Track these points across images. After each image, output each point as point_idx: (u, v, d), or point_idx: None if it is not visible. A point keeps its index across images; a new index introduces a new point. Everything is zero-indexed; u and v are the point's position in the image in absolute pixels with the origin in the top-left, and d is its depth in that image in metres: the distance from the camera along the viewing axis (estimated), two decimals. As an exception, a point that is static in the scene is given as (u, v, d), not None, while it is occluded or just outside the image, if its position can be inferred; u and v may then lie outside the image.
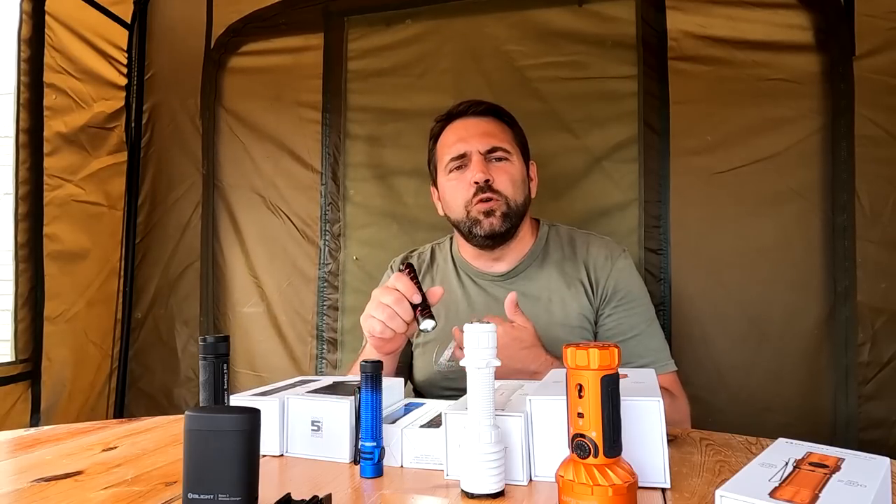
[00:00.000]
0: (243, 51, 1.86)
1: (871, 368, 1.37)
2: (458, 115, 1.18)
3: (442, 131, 1.19)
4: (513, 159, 1.14)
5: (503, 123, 1.17)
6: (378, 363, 0.69)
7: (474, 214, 1.11)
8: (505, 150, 1.13)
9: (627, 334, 1.09)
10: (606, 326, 1.11)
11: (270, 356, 1.78)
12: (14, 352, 1.51)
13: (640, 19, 1.55)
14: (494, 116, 1.17)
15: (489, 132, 1.13)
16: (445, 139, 1.17)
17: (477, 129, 1.14)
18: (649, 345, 1.10)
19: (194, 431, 0.53)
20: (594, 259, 1.15)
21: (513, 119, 1.20)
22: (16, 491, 0.64)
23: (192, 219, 1.87)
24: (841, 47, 1.42)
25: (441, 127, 1.19)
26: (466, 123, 1.16)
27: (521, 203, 1.13)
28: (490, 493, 0.59)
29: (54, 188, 1.59)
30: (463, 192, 1.12)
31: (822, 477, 0.50)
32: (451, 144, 1.15)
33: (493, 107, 1.18)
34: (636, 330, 1.10)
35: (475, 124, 1.15)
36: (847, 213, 1.40)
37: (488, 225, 1.09)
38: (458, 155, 1.13)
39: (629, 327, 1.10)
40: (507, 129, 1.17)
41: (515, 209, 1.11)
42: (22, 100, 1.52)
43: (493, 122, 1.16)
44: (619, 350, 0.55)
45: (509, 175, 1.12)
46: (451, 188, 1.14)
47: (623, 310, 1.11)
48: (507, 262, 1.17)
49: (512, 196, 1.11)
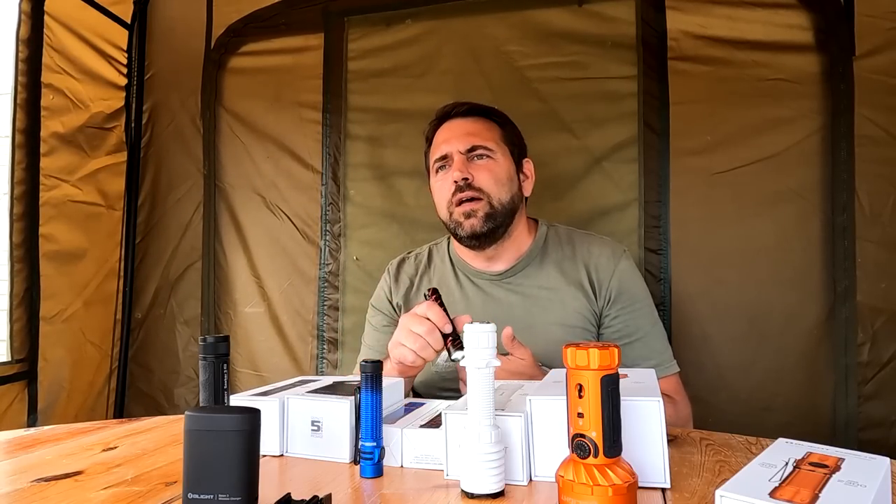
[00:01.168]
0: (243, 51, 1.86)
1: (871, 368, 1.37)
2: (444, 117, 1.20)
3: (433, 134, 1.21)
4: (496, 157, 1.13)
5: (490, 122, 1.17)
6: (378, 363, 0.69)
7: (456, 216, 1.12)
8: (486, 148, 1.13)
9: (633, 336, 1.09)
10: (612, 329, 1.11)
11: (272, 356, 1.79)
12: (10, 352, 1.50)
13: (640, 19, 1.55)
14: (481, 116, 1.18)
15: (471, 132, 1.14)
16: (435, 141, 1.19)
17: (460, 129, 1.15)
18: (654, 346, 1.10)
19: (194, 431, 0.52)
20: (596, 260, 1.14)
21: (503, 118, 1.20)
22: (16, 491, 0.64)
23: (193, 219, 1.87)
24: (841, 47, 1.42)
25: (433, 129, 1.21)
26: (451, 125, 1.17)
27: (507, 201, 1.12)
28: (490, 493, 0.59)
29: (50, 188, 1.59)
30: (445, 191, 1.13)
31: (822, 477, 0.50)
32: (437, 146, 1.17)
33: (478, 107, 1.19)
34: (641, 332, 1.10)
35: (459, 125, 1.16)
36: (847, 213, 1.40)
37: (469, 227, 1.10)
38: (441, 156, 1.15)
39: (634, 329, 1.10)
40: (496, 127, 1.17)
41: (500, 208, 1.11)
42: (19, 100, 1.51)
43: (479, 121, 1.17)
44: (619, 350, 0.55)
45: (491, 172, 1.12)
46: (437, 189, 1.17)
47: (628, 312, 1.11)
48: (504, 262, 1.17)
49: (495, 193, 1.11)
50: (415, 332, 0.90)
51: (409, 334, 0.90)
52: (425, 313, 0.90)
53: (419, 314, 0.90)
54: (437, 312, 0.90)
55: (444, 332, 0.89)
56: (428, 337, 0.89)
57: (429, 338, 0.89)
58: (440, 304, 0.92)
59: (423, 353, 0.90)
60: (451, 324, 0.89)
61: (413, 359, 0.90)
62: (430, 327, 0.89)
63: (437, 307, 0.91)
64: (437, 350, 0.90)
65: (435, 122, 1.21)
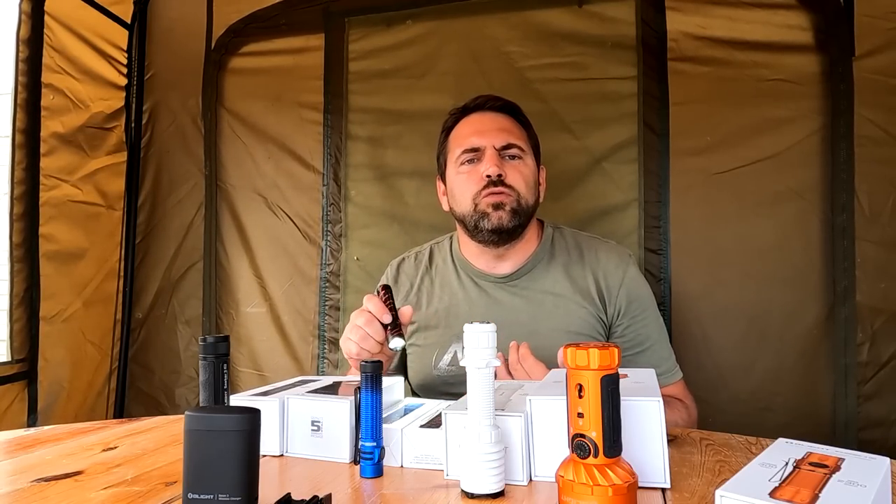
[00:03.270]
0: (244, 51, 1.86)
1: (871, 368, 1.37)
2: (475, 108, 1.15)
3: (456, 124, 1.17)
4: (527, 159, 1.12)
5: (519, 122, 1.16)
6: (378, 363, 0.69)
7: (482, 207, 1.08)
8: (520, 147, 1.11)
9: (643, 346, 1.09)
10: (624, 339, 1.10)
11: (273, 356, 1.79)
12: (10, 352, 1.50)
13: (640, 20, 1.55)
14: (511, 114, 1.15)
15: (505, 128, 1.12)
16: (459, 131, 1.15)
17: (493, 123, 1.12)
18: (662, 354, 1.10)
19: (194, 431, 0.52)
20: (604, 267, 1.13)
21: (528, 120, 1.18)
22: (16, 491, 0.64)
23: (195, 219, 1.87)
24: (841, 48, 1.42)
25: (455, 119, 1.17)
26: (483, 118, 1.14)
27: (532, 203, 1.11)
28: (490, 493, 0.59)
29: (50, 188, 1.59)
30: (473, 184, 1.09)
31: (822, 477, 0.50)
32: (465, 137, 1.13)
33: (510, 104, 1.16)
34: (650, 341, 1.10)
35: (492, 119, 1.13)
36: (846, 214, 1.40)
37: (496, 218, 1.07)
38: (471, 148, 1.11)
39: (644, 338, 1.09)
40: (523, 128, 1.15)
41: (526, 207, 1.09)
42: (19, 100, 1.51)
43: (510, 119, 1.14)
44: (619, 350, 0.55)
45: (522, 174, 1.10)
46: (461, 181, 1.12)
47: (639, 322, 1.10)
48: (511, 264, 1.15)
49: (524, 194, 1.09)
50: (357, 324, 0.92)
51: (353, 327, 0.93)
52: (366, 306, 0.92)
53: (362, 308, 0.93)
54: (376, 303, 0.92)
55: (383, 322, 0.91)
56: (367, 327, 0.91)
57: (368, 328, 0.91)
58: (388, 298, 0.94)
59: (365, 344, 0.92)
60: (391, 314, 0.91)
61: (357, 350, 0.92)
62: (368, 318, 0.91)
63: (375, 298, 0.94)
64: (377, 340, 0.92)
65: (459, 113, 1.17)
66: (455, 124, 1.17)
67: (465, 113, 1.16)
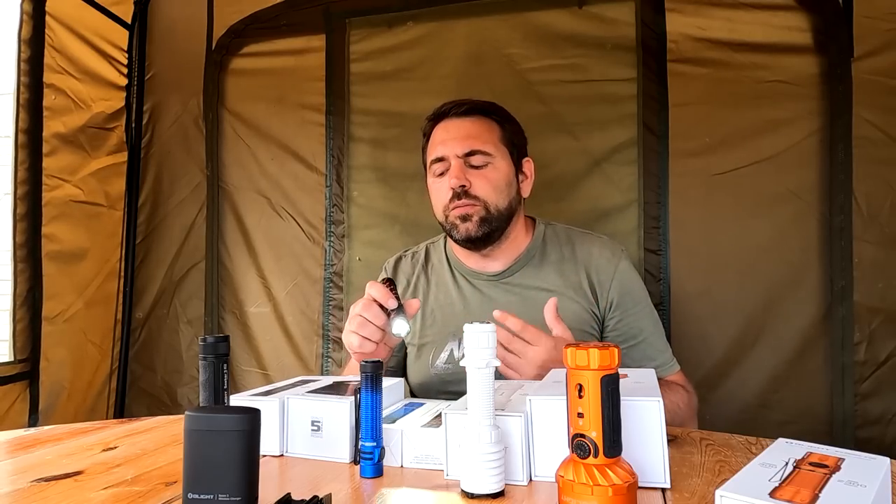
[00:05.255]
0: (245, 52, 1.86)
1: (868, 367, 1.38)
2: (442, 115, 1.16)
3: (431, 130, 1.17)
4: (496, 162, 1.10)
5: (490, 121, 1.13)
6: (378, 363, 0.69)
7: (451, 219, 1.10)
8: (485, 152, 1.09)
9: (637, 338, 1.10)
10: (616, 332, 1.10)
11: (278, 355, 1.80)
12: (12, 351, 1.50)
13: (640, 21, 1.55)
14: (481, 115, 1.13)
15: (470, 134, 1.11)
16: (431, 139, 1.16)
17: (458, 131, 1.11)
18: (657, 346, 1.11)
19: (194, 431, 0.53)
20: (596, 262, 1.13)
21: (504, 115, 1.16)
22: (16, 491, 0.64)
23: (196, 220, 1.87)
24: (839, 49, 1.42)
25: (431, 126, 1.17)
26: (448, 125, 1.13)
27: (504, 207, 1.10)
28: (490, 493, 0.59)
29: (53, 188, 1.59)
30: (443, 195, 1.11)
31: (822, 477, 0.50)
32: (434, 146, 1.14)
33: (478, 105, 1.14)
34: (644, 333, 1.10)
35: (456, 126, 1.12)
36: (844, 214, 1.40)
37: (464, 230, 1.09)
38: (437, 158, 1.12)
39: (638, 331, 1.10)
40: (495, 127, 1.13)
41: (496, 214, 1.09)
42: (21, 100, 1.52)
43: (478, 121, 1.12)
44: (619, 350, 0.55)
45: (489, 180, 1.09)
46: (434, 191, 1.15)
47: (630, 315, 1.11)
48: (501, 262, 1.16)
49: (493, 201, 1.09)
50: (355, 312, 0.90)
51: (353, 317, 0.91)
52: (367, 293, 0.90)
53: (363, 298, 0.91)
54: (380, 288, 0.90)
55: (388, 307, 0.89)
56: (365, 312, 0.89)
57: (366, 313, 0.89)
58: (392, 290, 0.91)
59: (364, 331, 0.89)
60: (396, 300, 0.89)
61: (359, 341, 0.90)
62: (366, 303, 0.89)
63: (379, 284, 0.91)
64: (377, 325, 0.89)
65: (433, 119, 1.16)
66: (431, 131, 1.17)
67: (437, 119, 1.16)
